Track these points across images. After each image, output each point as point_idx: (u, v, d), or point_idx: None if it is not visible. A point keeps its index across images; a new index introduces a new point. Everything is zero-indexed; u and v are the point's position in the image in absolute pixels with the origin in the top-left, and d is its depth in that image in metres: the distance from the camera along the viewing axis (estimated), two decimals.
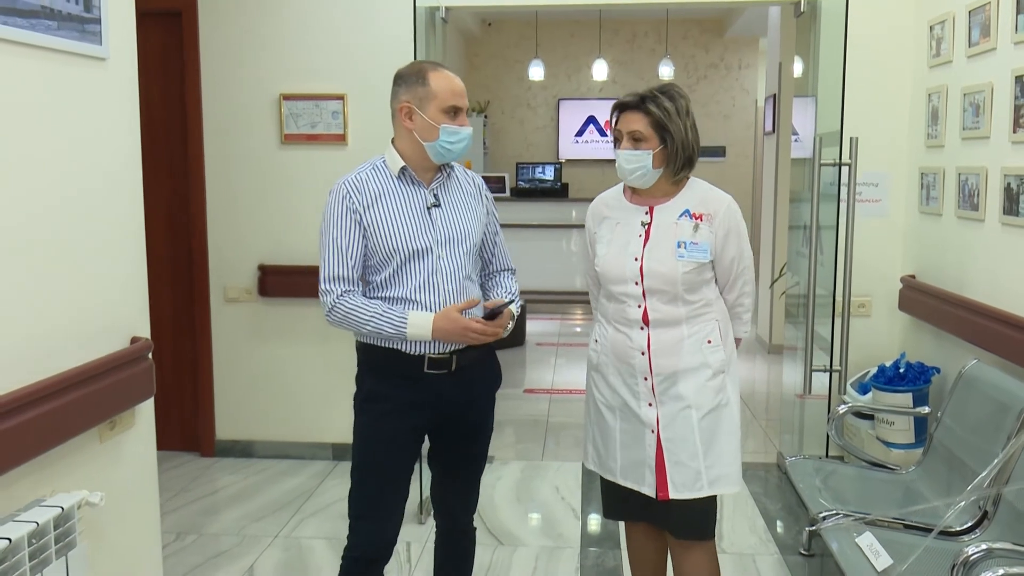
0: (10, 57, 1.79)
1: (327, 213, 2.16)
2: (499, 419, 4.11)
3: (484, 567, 3.10)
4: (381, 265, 2.16)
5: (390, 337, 2.13)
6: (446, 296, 2.16)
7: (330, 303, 2.15)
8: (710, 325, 2.28)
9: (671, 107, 2.21)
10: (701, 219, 2.25)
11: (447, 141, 2.14)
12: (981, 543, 1.95)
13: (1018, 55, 2.81)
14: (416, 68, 2.18)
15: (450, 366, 2.18)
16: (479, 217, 2.28)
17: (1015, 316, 2.77)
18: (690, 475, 2.25)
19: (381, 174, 2.19)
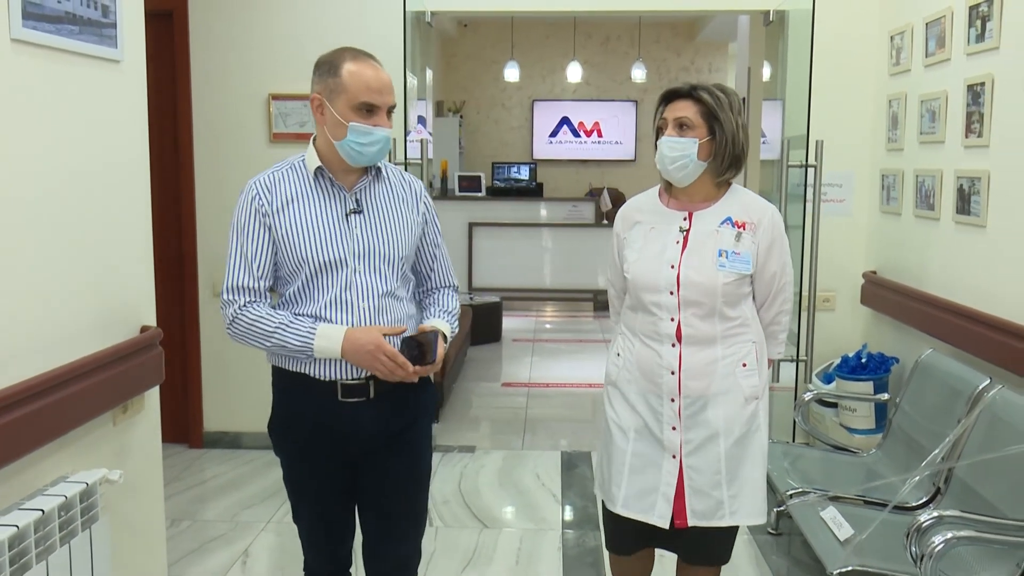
0: (37, 59, 1.90)
1: (235, 215, 1.94)
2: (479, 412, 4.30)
3: (470, 549, 3.24)
4: (291, 276, 1.93)
5: (295, 355, 1.90)
6: (361, 316, 1.91)
7: (231, 314, 1.91)
8: (746, 347, 2.10)
9: (723, 97, 2.07)
10: (744, 228, 2.08)
11: (356, 142, 1.87)
12: (933, 511, 2.13)
13: (970, 65, 3.02)
14: (332, 56, 1.91)
15: (367, 393, 1.93)
16: (410, 227, 2.01)
17: (967, 308, 2.98)
18: (711, 504, 2.10)
19: (298, 174, 1.95)
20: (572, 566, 3.10)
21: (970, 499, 2.50)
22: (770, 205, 2.16)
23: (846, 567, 2.29)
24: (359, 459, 2.01)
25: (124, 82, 2.29)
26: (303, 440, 1.98)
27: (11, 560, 1.63)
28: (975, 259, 2.99)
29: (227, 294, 1.92)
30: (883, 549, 2.38)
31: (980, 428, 2.59)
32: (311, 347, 1.87)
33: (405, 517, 2.08)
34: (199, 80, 4.14)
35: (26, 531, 1.68)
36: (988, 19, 2.88)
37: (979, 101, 2.94)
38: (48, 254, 1.97)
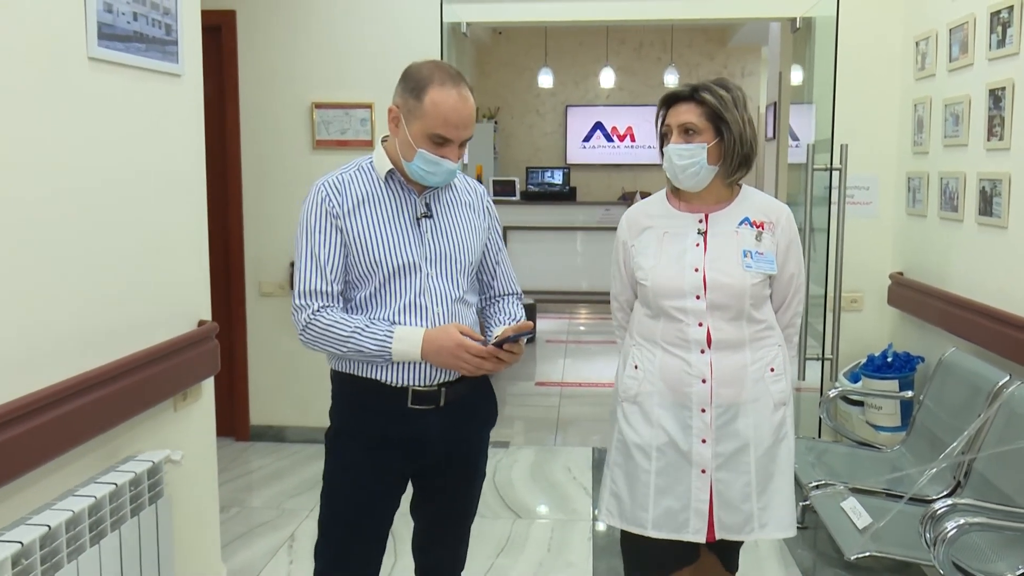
0: (110, 75, 2.09)
1: (304, 218, 1.88)
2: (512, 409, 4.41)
3: (503, 538, 3.38)
4: (360, 281, 1.89)
5: (371, 360, 1.86)
6: (434, 320, 1.88)
7: (304, 320, 1.85)
8: (773, 351, 2.05)
9: (727, 96, 1.98)
10: (762, 227, 2.03)
11: (422, 168, 1.84)
12: (948, 500, 2.22)
13: (992, 70, 3.09)
14: (422, 75, 1.83)
15: (438, 401, 1.90)
16: (478, 232, 1.99)
17: (988, 307, 3.05)
18: (741, 518, 2.02)
19: (367, 176, 1.91)
20: (601, 555, 3.22)
21: (988, 492, 2.57)
22: (784, 205, 2.10)
23: (863, 553, 2.39)
24: (419, 469, 1.97)
25: (184, 94, 2.48)
26: (368, 448, 1.90)
27: (90, 527, 1.81)
28: (996, 259, 3.07)
29: (300, 299, 1.86)
30: (900, 537, 2.48)
31: (999, 423, 2.67)
32: (389, 350, 1.82)
33: (460, 524, 2.09)
34: (246, 90, 4.34)
35: (102, 502, 1.85)
36: (1008, 25, 2.96)
37: (1000, 105, 3.01)
38: (119, 255, 2.15)
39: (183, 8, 2.40)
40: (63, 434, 1.86)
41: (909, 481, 2.84)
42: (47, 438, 1.80)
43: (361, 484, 1.92)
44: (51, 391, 1.82)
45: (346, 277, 1.90)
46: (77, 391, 1.90)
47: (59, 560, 1.71)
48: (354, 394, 1.93)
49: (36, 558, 1.64)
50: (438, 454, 1.94)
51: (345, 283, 1.90)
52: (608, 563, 3.15)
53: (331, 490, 1.97)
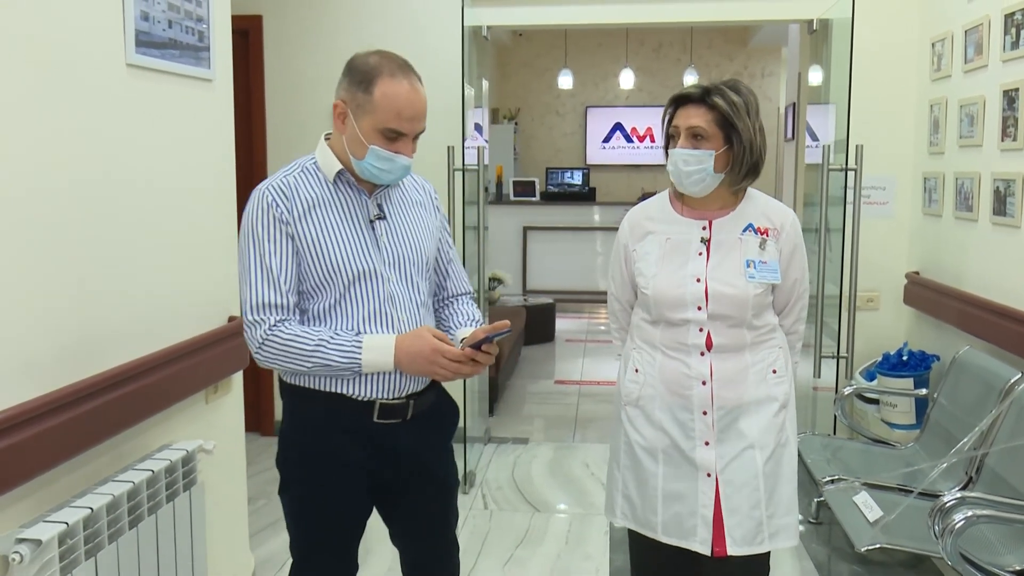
0: (147, 81, 2.18)
1: (248, 227, 1.75)
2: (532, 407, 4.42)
3: (523, 530, 3.46)
4: (317, 292, 1.77)
5: (340, 374, 1.74)
6: (400, 328, 1.79)
7: (260, 336, 1.71)
8: (775, 353, 2.02)
9: (739, 102, 1.91)
10: (767, 234, 1.98)
11: (375, 165, 1.73)
12: (957, 493, 2.27)
13: (1006, 71, 3.13)
14: (369, 66, 1.73)
15: (405, 414, 1.81)
16: (431, 232, 1.91)
17: (1001, 305, 3.09)
18: (751, 527, 1.96)
19: (313, 178, 1.79)
20: (618, 548, 3.29)
21: (1000, 487, 2.62)
22: (789, 209, 2.04)
23: (873, 544, 2.44)
24: (386, 488, 1.88)
25: (215, 98, 2.57)
26: (330, 471, 1.80)
27: (129, 511, 1.90)
28: (1010, 259, 3.10)
29: (252, 314, 1.72)
30: (911, 530, 2.52)
31: (1010, 419, 2.71)
32: (358, 362, 1.71)
33: (444, 536, 2.01)
34: (272, 93, 4.45)
35: (140, 487, 1.95)
36: (1022, 27, 2.99)
37: (1014, 106, 3.05)
38: (155, 254, 2.24)
39: (215, 14, 2.50)
40: (104, 423, 1.96)
41: (921, 476, 2.88)
42: (89, 426, 1.90)
43: (331, 512, 1.83)
44: (93, 382, 1.91)
45: (299, 288, 1.77)
46: (116, 382, 2.00)
47: (100, 541, 1.81)
48: (313, 411, 1.79)
49: (80, 538, 1.74)
50: (411, 469, 1.86)
51: (299, 294, 1.77)
52: (625, 556, 3.21)
53: (302, 521, 1.86)
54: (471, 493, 3.82)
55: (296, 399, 1.82)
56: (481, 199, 3.99)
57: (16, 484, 1.69)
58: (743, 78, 10.21)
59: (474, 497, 3.79)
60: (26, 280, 1.75)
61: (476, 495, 3.82)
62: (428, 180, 2.01)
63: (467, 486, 3.86)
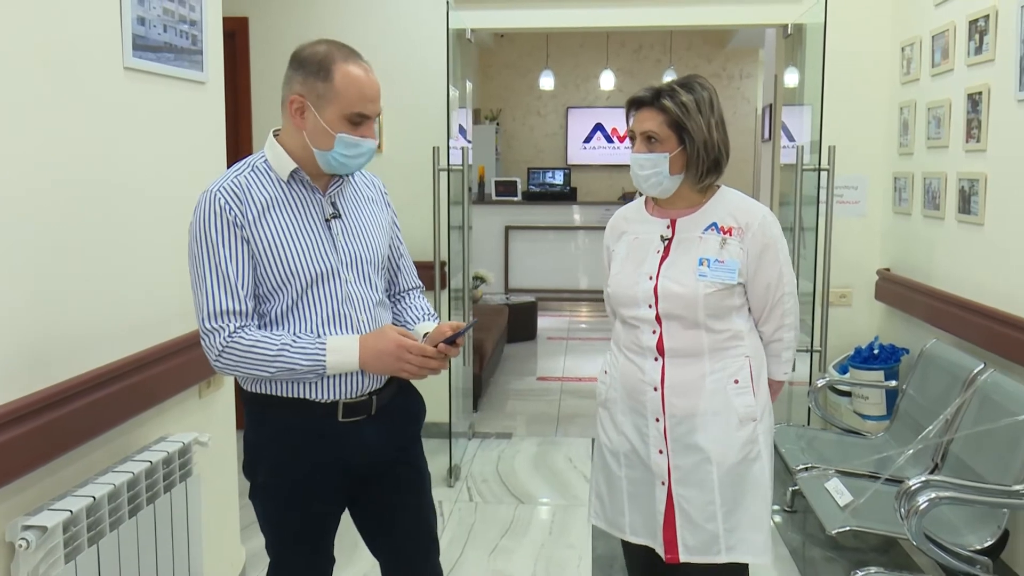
0: (144, 83, 2.25)
1: (200, 232, 1.69)
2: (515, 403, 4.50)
3: (507, 521, 3.54)
4: (272, 295, 1.73)
5: (303, 377, 1.71)
6: (359, 329, 1.77)
7: (220, 344, 1.67)
8: (738, 362, 1.93)
9: (689, 101, 1.88)
10: (730, 233, 1.92)
11: (343, 154, 1.70)
12: (922, 477, 2.38)
13: (970, 76, 3.26)
14: (321, 55, 1.69)
15: (369, 410, 1.79)
16: (384, 228, 1.89)
17: (966, 300, 3.22)
18: (705, 538, 1.93)
19: (265, 178, 1.74)
20: (600, 537, 3.38)
21: (963, 472, 2.74)
22: (762, 208, 1.97)
23: (843, 527, 2.55)
24: (358, 486, 1.86)
25: (208, 99, 2.64)
26: (295, 474, 1.78)
27: (128, 500, 1.97)
28: (974, 255, 3.23)
29: (210, 321, 1.67)
30: (879, 513, 2.64)
31: (973, 408, 2.83)
32: (323, 365, 1.69)
33: (420, 530, 1.96)
34: (258, 95, 4.51)
35: (139, 477, 2.02)
36: (985, 33, 3.12)
37: (978, 109, 3.18)
38: (151, 253, 2.31)
39: (207, 18, 2.57)
40: (103, 416, 2.02)
41: (890, 463, 3.00)
42: (90, 419, 1.96)
43: (298, 512, 1.81)
44: (92, 376, 1.98)
45: (256, 292, 1.72)
46: (115, 376, 2.07)
47: (102, 529, 1.87)
48: (276, 417, 1.77)
49: (83, 525, 1.80)
50: (379, 462, 1.84)
51: (256, 298, 1.73)
52: (607, 544, 3.31)
53: (276, 531, 1.86)
54: (456, 486, 3.91)
55: (259, 406, 1.79)
56: (466, 199, 4.07)
57: (21, 474, 1.75)
58: (721, 79, 10.40)
59: (459, 490, 3.88)
60: (29, 279, 1.82)
61: (461, 488, 3.90)
62: (375, 175, 1.98)
63: (452, 479, 3.94)
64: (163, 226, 2.38)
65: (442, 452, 4.06)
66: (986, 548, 2.44)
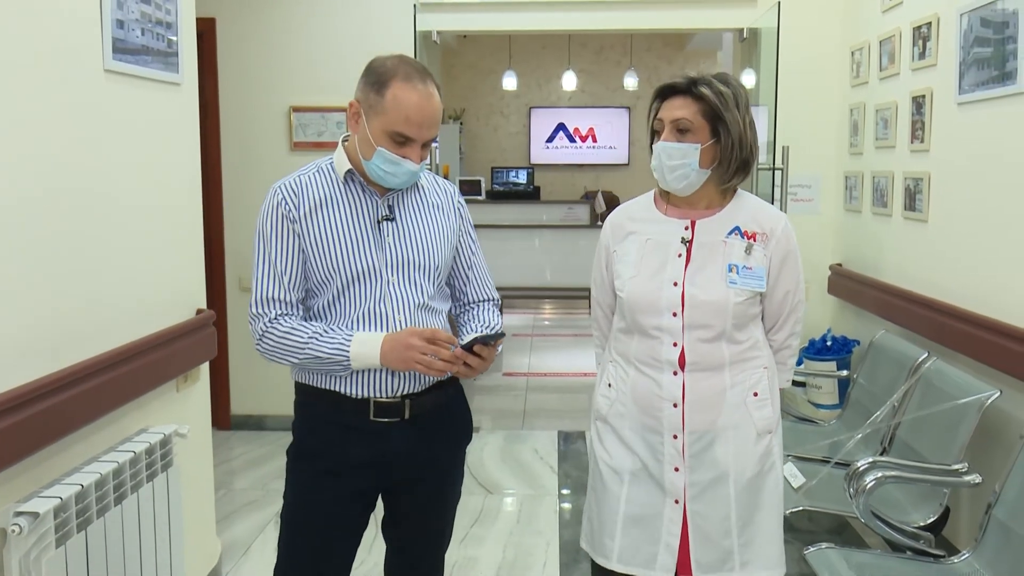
0: (123, 85, 2.31)
1: (260, 223, 1.81)
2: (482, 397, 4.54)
3: (476, 511, 3.64)
4: (319, 289, 1.80)
5: (330, 369, 1.76)
6: (395, 328, 1.78)
7: (261, 329, 1.78)
8: (757, 374, 1.85)
9: (728, 93, 1.78)
10: (755, 239, 1.83)
11: (381, 168, 1.74)
12: (869, 458, 2.53)
13: (914, 79, 3.43)
14: (385, 68, 1.73)
15: (402, 413, 1.80)
16: (447, 235, 1.87)
17: (912, 293, 3.40)
18: (719, 554, 1.85)
19: (326, 178, 1.82)
20: (567, 525, 3.50)
21: (908, 455, 2.90)
22: (782, 214, 1.90)
23: (797, 508, 2.69)
24: (387, 487, 1.88)
25: (183, 100, 2.70)
26: (330, 472, 1.81)
27: (114, 488, 2.03)
28: (919, 250, 3.41)
29: (256, 307, 1.80)
30: (830, 494, 2.79)
31: (917, 394, 3.00)
32: (347, 356, 1.73)
33: (432, 553, 1.97)
34: (226, 94, 4.55)
35: (123, 467, 2.08)
36: (928, 39, 3.29)
37: (921, 111, 3.35)
38: (129, 249, 2.37)
39: (182, 21, 2.63)
40: (85, 408, 2.08)
41: (841, 448, 3.16)
42: (72, 411, 2.02)
43: (325, 511, 1.82)
44: (72, 370, 2.03)
45: (306, 285, 1.81)
46: (98, 370, 2.13)
47: (90, 516, 1.94)
48: (315, 406, 1.84)
49: (72, 512, 1.87)
50: (406, 472, 1.84)
51: (306, 291, 1.82)
52: (573, 532, 3.43)
53: (292, 515, 1.86)
54: None
55: (303, 395, 1.87)
56: None
57: (12, 462, 1.81)
58: None
59: None
60: (11, 276, 1.87)
61: None
62: (452, 184, 1.98)
63: None
64: (140, 222, 2.44)
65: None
66: (929, 524, 2.60)
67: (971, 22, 2.91)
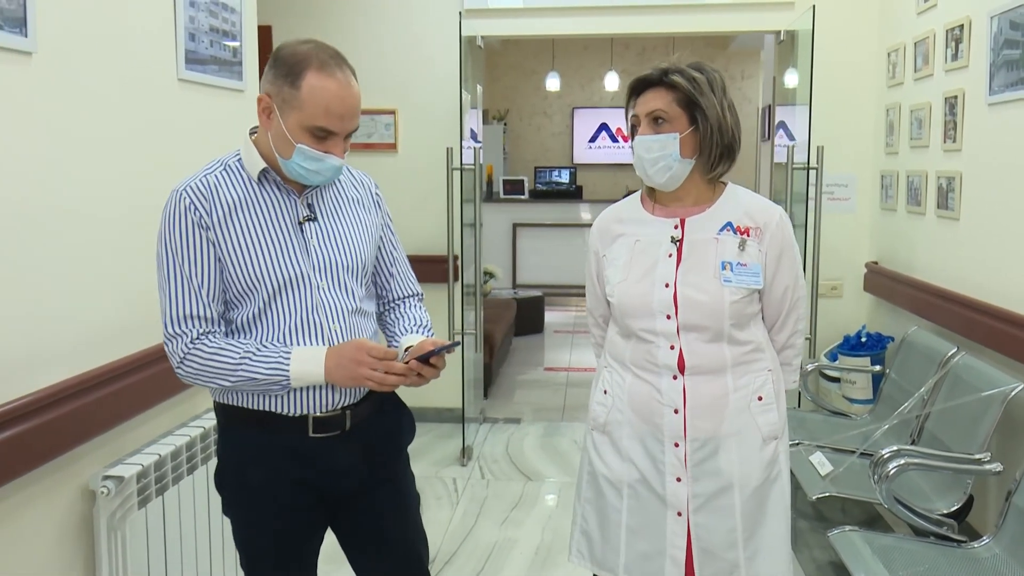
0: (194, 93, 2.52)
1: (166, 232, 1.60)
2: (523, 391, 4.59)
3: (517, 496, 3.81)
4: (239, 301, 1.62)
5: (266, 389, 1.60)
6: (331, 338, 1.64)
7: (181, 351, 1.59)
8: (761, 377, 1.78)
9: (700, 78, 1.72)
10: (748, 234, 1.75)
11: (302, 166, 1.58)
12: (893, 447, 2.63)
13: (947, 80, 3.50)
14: (297, 57, 1.56)
15: (343, 425, 1.66)
16: (370, 231, 1.75)
17: (944, 289, 3.47)
18: (724, 567, 1.78)
19: (236, 177, 1.64)
20: None
21: (935, 446, 2.99)
22: (777, 207, 1.81)
23: (823, 493, 2.80)
24: (335, 506, 1.74)
25: (245, 105, 2.91)
26: (266, 492, 1.66)
27: (187, 459, 2.24)
28: (950, 248, 3.48)
29: (172, 326, 1.59)
30: (856, 482, 2.90)
31: (946, 388, 3.08)
32: (287, 375, 1.57)
33: (410, 558, 1.82)
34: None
35: (194, 440, 2.29)
36: (960, 41, 3.37)
37: (954, 111, 3.42)
38: None
39: (245, 32, 2.84)
40: (163, 387, 2.29)
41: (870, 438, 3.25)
42: (151, 389, 2.23)
43: (267, 530, 1.70)
44: (155, 350, 2.24)
45: (224, 297, 1.63)
46: None
47: (166, 482, 2.14)
48: (245, 431, 1.67)
49: (151, 478, 2.07)
50: (352, 483, 1.71)
51: (224, 304, 1.64)
52: None
53: (245, 547, 1.73)
54: (469, 465, 4.17)
55: (227, 418, 1.70)
56: (478, 197, 4.33)
57: (100, 432, 2.02)
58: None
59: (472, 469, 4.14)
60: (112, 267, 2.09)
61: (474, 467, 4.17)
62: (367, 174, 1.85)
63: (465, 459, 4.21)
64: None
65: (455, 435, 4.34)
66: (953, 512, 2.69)
67: (1000, 25, 2.98)
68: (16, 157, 1.80)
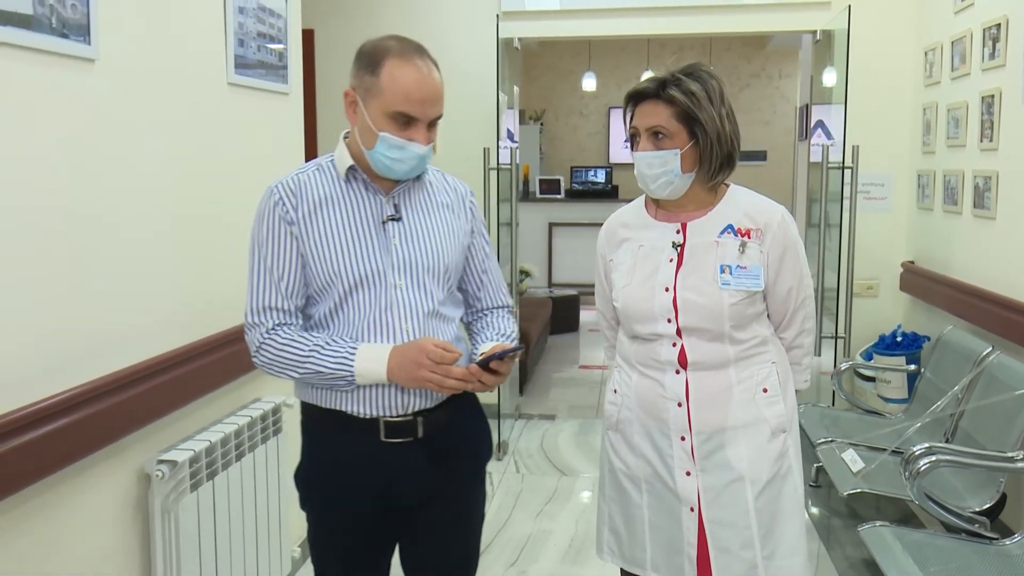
0: (243, 96, 2.63)
1: (255, 226, 1.67)
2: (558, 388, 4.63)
3: (551, 490, 3.87)
4: (320, 296, 1.65)
5: (333, 385, 1.62)
6: (404, 338, 1.64)
7: (258, 340, 1.64)
8: (766, 369, 1.80)
9: (699, 90, 1.71)
10: (748, 236, 1.76)
11: (386, 155, 1.60)
12: (925, 445, 2.65)
13: (984, 80, 3.50)
14: (376, 48, 1.62)
15: (415, 432, 1.66)
16: (456, 235, 1.74)
17: (980, 288, 3.46)
18: (743, 568, 1.78)
19: (327, 176, 1.68)
20: None
21: (969, 444, 2.99)
22: (778, 206, 1.81)
23: (855, 489, 2.83)
24: (404, 511, 1.73)
25: (291, 107, 3.02)
26: (338, 491, 1.68)
27: (235, 447, 2.34)
28: (987, 247, 3.47)
29: (252, 316, 1.65)
30: (887, 479, 2.92)
31: (981, 386, 3.09)
32: (351, 371, 1.59)
33: (463, 562, 1.82)
34: (323, 100, 4.90)
35: (243, 429, 2.39)
36: (998, 40, 3.36)
37: (991, 111, 3.42)
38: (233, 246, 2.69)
39: (290, 36, 2.94)
40: (213, 376, 2.40)
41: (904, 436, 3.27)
42: (203, 378, 2.34)
43: (337, 529, 1.72)
44: (206, 341, 2.35)
45: (306, 292, 1.66)
46: (223, 342, 2.45)
47: (216, 468, 2.25)
48: (321, 428, 1.70)
49: (203, 463, 2.18)
50: (422, 493, 1.70)
51: (307, 299, 1.67)
52: None
53: (313, 544, 1.77)
54: (504, 460, 4.25)
55: (308, 416, 1.73)
56: (514, 196, 4.40)
57: (155, 418, 2.13)
58: (761, 79, 10.59)
59: (507, 463, 4.22)
60: (167, 262, 2.20)
61: (509, 461, 4.24)
62: (465, 182, 1.86)
63: (501, 454, 4.29)
64: None
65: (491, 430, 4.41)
66: (985, 510, 2.70)
67: None
68: (88, 159, 1.91)
